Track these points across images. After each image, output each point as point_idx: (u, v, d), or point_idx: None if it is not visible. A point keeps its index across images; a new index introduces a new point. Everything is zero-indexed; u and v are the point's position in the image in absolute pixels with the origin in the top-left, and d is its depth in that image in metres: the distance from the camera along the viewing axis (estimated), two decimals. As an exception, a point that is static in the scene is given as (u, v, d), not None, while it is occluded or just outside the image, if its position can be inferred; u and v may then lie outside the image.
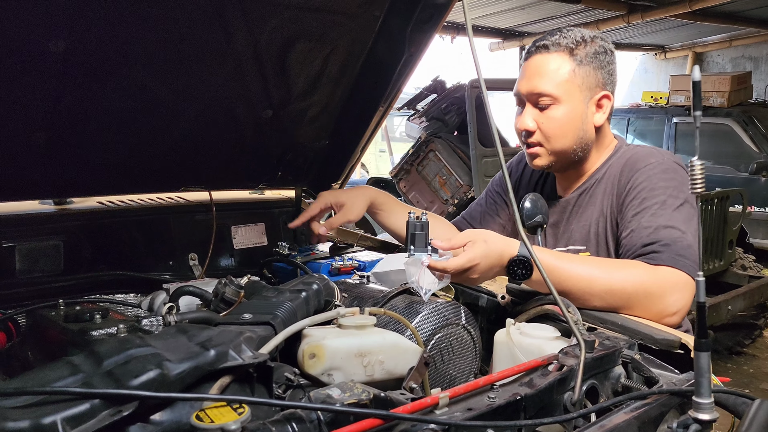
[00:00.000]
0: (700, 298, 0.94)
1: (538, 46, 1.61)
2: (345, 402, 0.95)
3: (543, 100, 1.59)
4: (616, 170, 1.63)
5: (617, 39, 10.11)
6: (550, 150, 1.63)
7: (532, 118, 1.61)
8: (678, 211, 1.49)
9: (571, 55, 1.58)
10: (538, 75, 1.59)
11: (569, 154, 1.64)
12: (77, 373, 0.90)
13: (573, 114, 1.59)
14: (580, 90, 1.59)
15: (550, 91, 1.57)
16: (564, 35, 1.59)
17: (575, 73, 1.58)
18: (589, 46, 1.59)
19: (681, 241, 1.44)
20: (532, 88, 1.59)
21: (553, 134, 1.60)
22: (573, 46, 1.58)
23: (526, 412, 1.10)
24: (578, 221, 1.67)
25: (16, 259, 1.60)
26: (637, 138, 9.35)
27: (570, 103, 1.58)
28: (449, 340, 1.39)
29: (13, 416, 0.79)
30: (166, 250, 1.83)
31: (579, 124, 1.60)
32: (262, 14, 1.51)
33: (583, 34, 1.60)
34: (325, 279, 1.44)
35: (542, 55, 1.60)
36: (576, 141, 1.62)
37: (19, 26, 1.25)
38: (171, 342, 1.00)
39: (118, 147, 1.64)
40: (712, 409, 0.96)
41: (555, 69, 1.57)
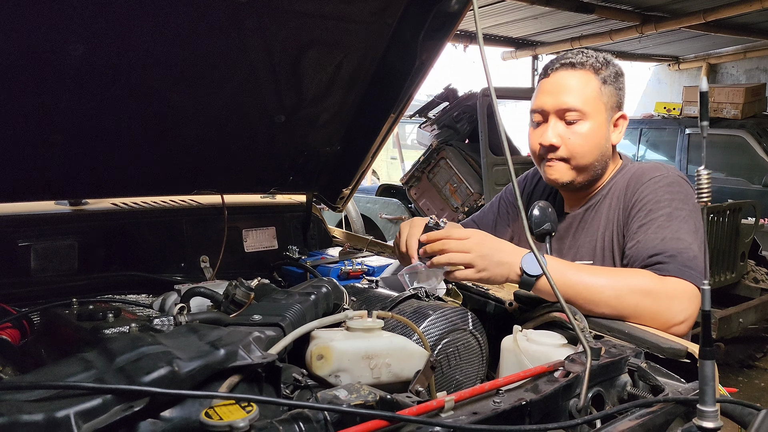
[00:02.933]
0: (705, 306, 0.95)
1: (563, 63, 1.62)
2: (351, 403, 0.97)
3: (570, 115, 1.58)
4: (621, 185, 1.64)
5: (630, 49, 10.10)
6: (573, 166, 1.62)
7: (557, 134, 1.60)
8: (684, 222, 1.50)
9: (597, 73, 1.60)
10: (566, 90, 1.59)
11: (590, 171, 1.64)
12: (90, 369, 0.93)
13: (599, 131, 1.60)
14: (605, 108, 1.60)
15: (579, 106, 1.57)
16: (587, 55, 1.61)
17: (602, 91, 1.59)
18: (610, 68, 1.62)
19: (687, 252, 1.45)
20: (560, 104, 1.59)
21: (580, 150, 1.60)
22: (598, 66, 1.60)
23: (531, 417, 1.11)
24: (584, 236, 1.68)
25: (31, 258, 1.63)
26: (650, 149, 9.33)
27: (596, 119, 1.59)
28: (456, 345, 1.40)
29: (28, 409, 0.81)
30: (178, 252, 1.85)
31: (603, 142, 1.61)
32: (277, 22, 1.53)
33: (604, 57, 1.63)
34: (333, 282, 1.46)
35: (568, 72, 1.60)
36: (598, 158, 1.62)
37: (40, 31, 1.28)
38: (182, 341, 1.02)
39: (133, 150, 1.67)
40: (716, 418, 0.96)
41: (584, 85, 1.59)
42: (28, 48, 1.30)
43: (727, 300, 4.72)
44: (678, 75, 12.02)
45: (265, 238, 2.02)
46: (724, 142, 8.12)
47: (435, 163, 5.50)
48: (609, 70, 1.62)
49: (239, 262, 1.96)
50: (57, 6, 1.27)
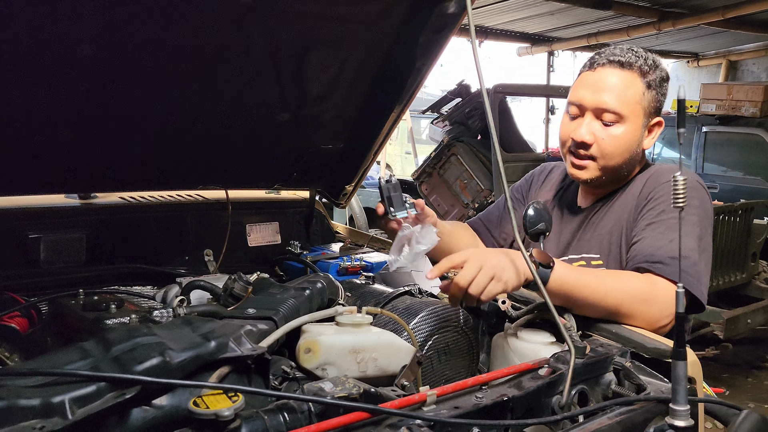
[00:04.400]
0: (679, 308, 0.98)
1: (611, 60, 1.57)
2: (335, 395, 1.01)
3: (608, 116, 1.56)
4: (638, 184, 1.63)
5: (648, 46, 10.00)
6: (601, 165, 1.61)
7: (591, 132, 1.58)
8: (693, 227, 1.50)
9: (643, 77, 1.56)
10: (609, 90, 1.56)
11: (617, 172, 1.63)
12: (87, 358, 0.98)
13: (633, 135, 1.58)
14: (644, 113, 1.58)
15: (619, 109, 1.55)
16: (637, 55, 1.57)
17: (644, 96, 1.56)
18: (658, 71, 1.58)
19: (689, 258, 1.46)
20: (600, 103, 1.56)
21: (611, 152, 1.58)
22: (647, 69, 1.56)
23: (513, 413, 1.14)
24: (594, 230, 1.68)
25: (41, 249, 1.69)
26: (666, 146, 9.26)
27: (633, 124, 1.57)
28: (446, 341, 1.44)
29: (26, 394, 0.86)
30: (182, 246, 1.91)
31: (634, 146, 1.60)
32: (280, 22, 1.57)
33: (653, 59, 1.59)
34: (329, 278, 1.50)
35: (615, 70, 1.56)
36: (627, 161, 1.61)
37: (49, 32, 1.33)
38: (176, 332, 1.07)
39: (141, 146, 1.72)
40: (687, 417, 0.99)
41: (627, 88, 1.55)
42: (38, 49, 1.34)
43: (737, 300, 4.70)
44: (697, 72, 11.88)
45: (269, 233, 2.07)
46: (741, 141, 8.04)
47: (446, 159, 5.52)
48: (656, 74, 1.57)
49: (243, 256, 2.01)
50: (66, 8, 1.32)
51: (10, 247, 1.65)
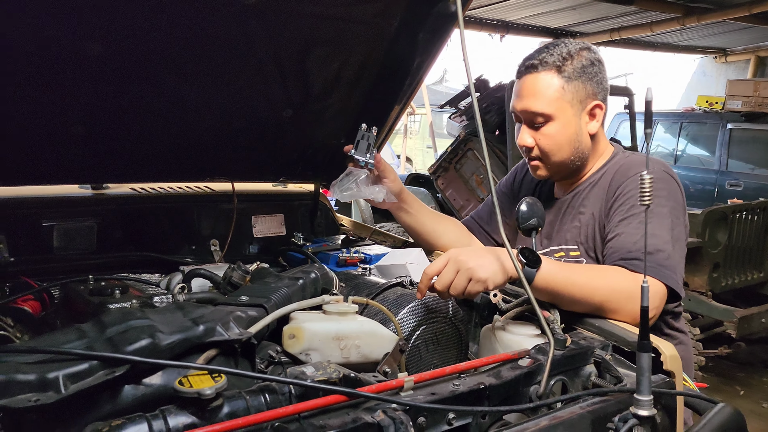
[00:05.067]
0: (644, 302, 1.01)
1: (527, 66, 1.66)
2: (316, 379, 1.07)
3: (537, 119, 1.65)
4: (608, 176, 1.69)
5: (674, 41, 9.88)
6: (548, 163, 1.70)
7: (530, 136, 1.68)
8: (664, 218, 1.54)
9: (559, 72, 1.62)
10: (530, 95, 1.64)
11: (567, 165, 1.70)
12: (83, 338, 1.05)
13: (567, 129, 1.65)
14: (571, 105, 1.63)
15: (542, 110, 1.63)
16: (551, 52, 1.64)
17: (565, 89, 1.62)
18: (575, 61, 1.63)
19: (662, 251, 1.50)
20: (526, 108, 1.65)
21: (550, 150, 1.67)
22: (560, 63, 1.62)
23: (490, 400, 1.19)
24: (571, 222, 1.74)
25: (54, 237, 1.78)
26: (690, 143, 9.14)
27: (563, 119, 1.64)
28: (435, 332, 1.49)
29: (23, 370, 0.93)
30: (190, 236, 1.98)
31: (574, 137, 1.66)
32: (282, 22, 1.63)
33: (569, 49, 1.64)
34: (324, 269, 1.56)
35: (532, 75, 1.65)
36: (572, 152, 1.68)
37: (60, 31, 1.41)
38: (168, 316, 1.13)
39: (149, 140, 1.79)
40: (651, 406, 1.03)
41: (545, 88, 1.62)
42: (50, 48, 1.42)
43: (754, 299, 4.67)
44: (725, 68, 11.69)
45: (274, 225, 2.13)
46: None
47: (462, 154, 5.55)
48: (574, 64, 1.62)
49: (248, 247, 2.08)
50: (75, 9, 1.39)
51: (25, 235, 1.73)
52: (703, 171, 8.79)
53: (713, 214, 4.32)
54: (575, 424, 1.11)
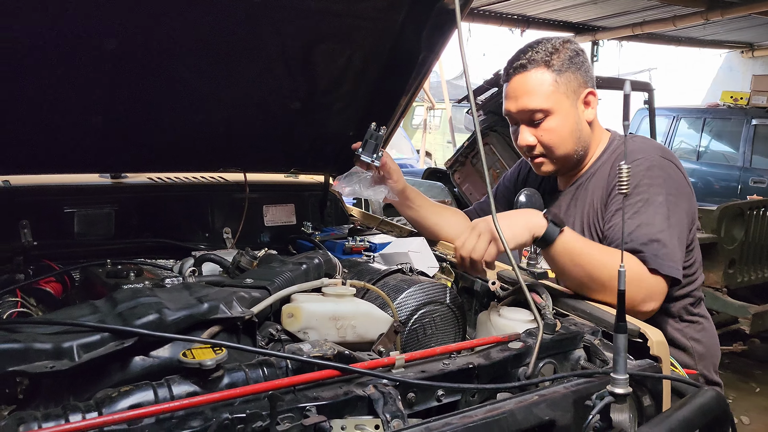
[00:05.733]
0: (621, 286, 1.06)
1: (515, 67, 1.70)
2: (311, 354, 1.14)
3: (536, 116, 1.68)
4: (609, 164, 1.72)
5: (699, 36, 9.77)
6: (554, 158, 1.73)
7: (531, 134, 1.71)
8: (660, 207, 1.56)
9: (548, 66, 1.66)
10: (524, 94, 1.68)
11: (572, 156, 1.74)
12: (96, 313, 1.13)
13: (567, 120, 1.68)
14: (566, 96, 1.67)
15: (540, 105, 1.66)
16: (536, 50, 1.68)
17: (558, 82, 1.66)
18: (562, 53, 1.67)
19: (658, 241, 1.52)
20: (523, 107, 1.69)
21: (554, 144, 1.70)
22: (548, 57, 1.66)
23: (479, 379, 1.25)
24: (574, 213, 1.78)
25: (75, 223, 1.87)
26: (714, 139, 9.05)
27: (561, 111, 1.67)
28: (432, 316, 1.55)
29: (41, 340, 1.02)
30: (203, 223, 2.07)
31: (575, 127, 1.70)
32: (289, 18, 1.70)
33: (553, 43, 1.68)
34: (327, 255, 1.63)
35: (522, 75, 1.68)
36: (575, 143, 1.72)
37: (78, 27, 1.50)
38: (175, 295, 1.21)
39: (164, 131, 1.88)
40: (626, 385, 1.08)
41: (538, 84, 1.66)
42: (68, 43, 1.51)
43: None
44: (752, 63, 11.52)
45: (284, 214, 2.21)
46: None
47: (477, 150, 5.57)
48: (561, 57, 1.66)
49: (259, 235, 2.15)
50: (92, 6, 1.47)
51: (48, 220, 1.82)
52: (727, 167, 8.70)
53: (728, 210, 4.30)
54: (558, 402, 1.16)
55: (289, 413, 1.01)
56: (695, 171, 8.88)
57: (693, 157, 9.02)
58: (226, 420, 0.94)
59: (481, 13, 8.26)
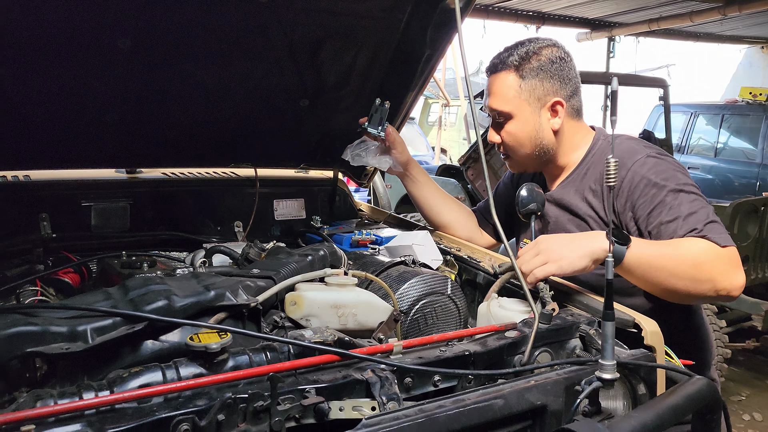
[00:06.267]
0: (608, 275, 1.10)
1: (489, 66, 1.77)
2: (312, 340, 1.19)
3: (499, 117, 1.76)
4: (598, 167, 1.72)
5: (717, 31, 9.68)
6: (516, 158, 1.81)
7: (496, 133, 1.79)
8: (689, 194, 1.57)
9: (517, 71, 1.70)
10: (491, 94, 1.76)
11: (534, 159, 1.79)
12: (109, 299, 1.20)
13: (525, 125, 1.72)
14: (528, 103, 1.70)
15: (501, 108, 1.73)
16: (511, 52, 1.72)
17: (521, 88, 1.70)
18: (533, 60, 1.69)
19: (712, 221, 1.52)
20: (490, 106, 1.77)
21: (513, 145, 1.77)
22: (518, 62, 1.70)
23: (475, 366, 1.29)
24: (564, 214, 1.80)
25: (92, 216, 1.94)
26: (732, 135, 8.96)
27: (521, 116, 1.71)
28: (433, 306, 1.60)
29: (57, 323, 1.08)
30: (215, 217, 2.13)
31: (533, 134, 1.73)
32: (295, 18, 1.75)
33: (529, 48, 1.70)
34: (333, 247, 1.68)
35: (494, 75, 1.75)
36: (534, 148, 1.75)
37: (94, 28, 1.57)
38: (183, 283, 1.27)
39: (177, 127, 1.95)
40: (613, 371, 1.12)
41: (504, 87, 1.72)
42: (84, 44, 1.58)
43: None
44: (772, 58, 11.40)
45: (294, 209, 2.27)
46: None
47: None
48: (532, 63, 1.68)
49: (269, 229, 2.22)
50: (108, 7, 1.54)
51: (66, 213, 1.90)
52: (745, 164, 8.61)
53: (742, 207, 4.28)
54: (550, 388, 1.20)
55: (290, 395, 1.06)
56: (713, 168, 8.81)
57: (711, 154, 8.95)
58: (229, 399, 1.00)
59: (496, 10, 8.27)
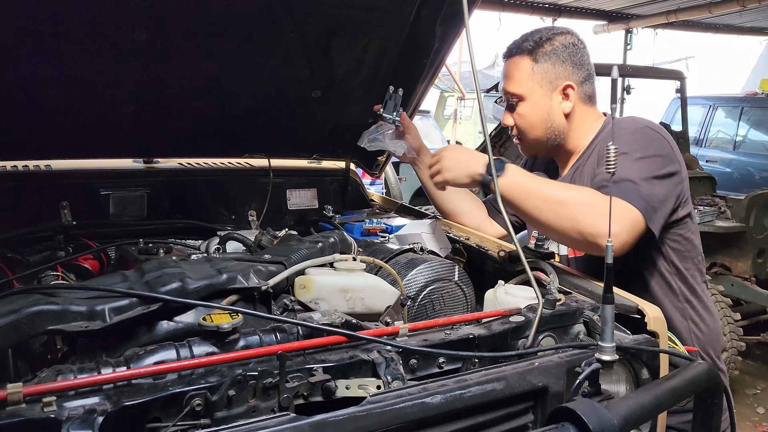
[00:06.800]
0: (608, 260, 1.13)
1: (507, 51, 1.83)
2: (320, 322, 1.23)
3: (513, 99, 1.80)
4: (602, 145, 1.76)
5: (736, 23, 9.55)
6: (527, 142, 1.85)
7: (510, 116, 1.83)
8: (636, 162, 1.58)
9: (530, 55, 1.76)
10: (507, 78, 1.81)
11: (544, 142, 1.82)
12: (126, 281, 1.25)
13: (537, 108, 1.77)
14: (540, 86, 1.76)
15: (514, 90, 1.78)
16: (527, 38, 1.78)
17: (534, 71, 1.76)
18: (546, 45, 1.75)
19: (632, 181, 1.55)
20: (504, 89, 1.82)
21: (524, 128, 1.81)
22: (532, 47, 1.76)
23: (479, 349, 1.33)
24: None
25: (110, 204, 2.00)
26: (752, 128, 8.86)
27: (532, 99, 1.77)
28: (441, 293, 1.63)
29: (76, 303, 1.14)
30: (230, 206, 2.18)
31: (545, 116, 1.78)
32: (305, 10, 1.79)
33: (543, 35, 1.77)
34: (343, 235, 1.72)
35: (510, 60, 1.81)
36: (546, 131, 1.80)
37: (111, 21, 1.61)
38: (197, 266, 1.32)
39: (192, 119, 2.00)
40: (613, 353, 1.15)
41: (517, 70, 1.78)
42: (101, 36, 1.63)
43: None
44: (794, 50, 11.23)
45: (307, 198, 2.31)
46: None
47: (506, 138, 5.58)
48: (546, 47, 1.75)
49: (282, 218, 2.26)
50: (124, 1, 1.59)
51: (86, 201, 1.96)
52: (765, 157, 8.51)
53: (758, 199, 4.27)
54: (551, 370, 1.23)
55: (298, 373, 1.11)
56: (732, 161, 8.73)
57: (729, 147, 8.86)
58: (239, 376, 1.04)
59: (511, 2, 8.24)
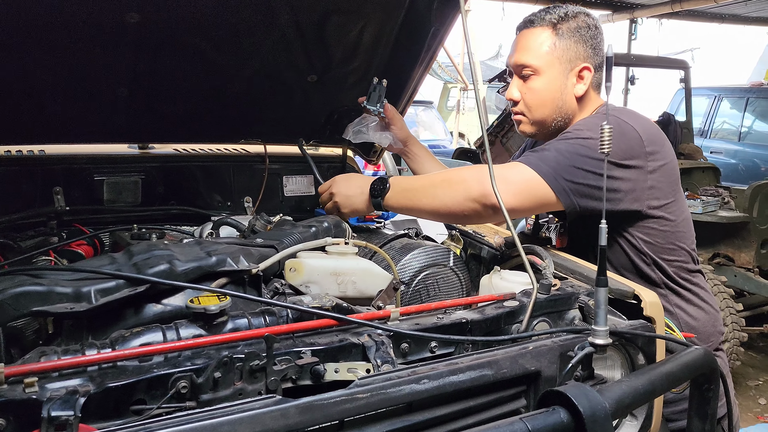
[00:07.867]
0: (602, 242, 1.11)
1: (525, 21, 1.75)
2: (311, 305, 1.21)
3: (525, 71, 1.72)
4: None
5: (741, 12, 9.46)
6: (531, 119, 1.76)
7: (517, 89, 1.75)
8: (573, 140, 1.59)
9: (554, 29, 1.69)
10: (523, 48, 1.72)
11: (549, 123, 1.75)
12: (114, 263, 1.24)
13: (552, 85, 1.71)
14: (559, 62, 1.69)
15: (531, 62, 1.70)
16: (549, 11, 1.71)
17: (556, 45, 1.69)
18: (571, 21, 1.69)
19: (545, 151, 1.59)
20: (517, 60, 1.73)
21: (533, 104, 1.73)
22: (556, 21, 1.69)
23: (471, 333, 1.31)
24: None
25: (104, 190, 1.99)
26: (757, 119, 8.79)
27: (549, 74, 1.70)
28: (435, 278, 1.61)
29: (62, 284, 1.12)
30: (225, 193, 2.17)
31: (557, 95, 1.71)
32: (300, -8, 1.76)
33: (567, 11, 1.70)
34: (337, 220, 1.70)
35: (528, 30, 1.72)
36: (555, 110, 1.73)
37: (103, 3, 1.59)
38: (186, 249, 1.31)
39: (187, 103, 1.98)
40: (605, 336, 1.13)
41: (538, 42, 1.69)
42: (92, 18, 1.61)
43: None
44: (800, 40, 11.12)
45: (303, 185, 2.29)
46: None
47: (509, 128, 5.55)
48: (570, 24, 1.68)
49: (278, 204, 2.24)
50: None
51: (79, 187, 1.94)
52: (771, 149, 8.47)
53: (761, 189, 4.23)
54: (544, 354, 1.22)
55: (286, 356, 1.09)
56: (737, 152, 8.67)
57: (735, 138, 8.81)
58: (225, 358, 1.03)
59: (515, -8, 8.17)
